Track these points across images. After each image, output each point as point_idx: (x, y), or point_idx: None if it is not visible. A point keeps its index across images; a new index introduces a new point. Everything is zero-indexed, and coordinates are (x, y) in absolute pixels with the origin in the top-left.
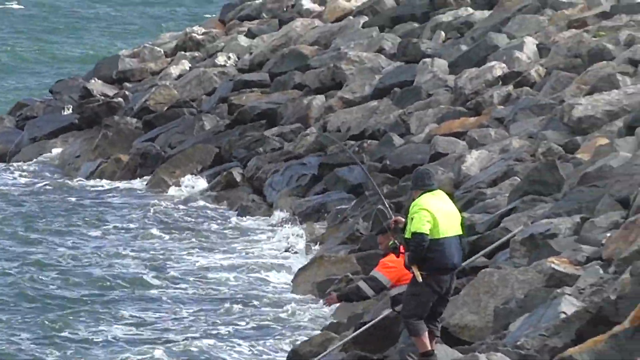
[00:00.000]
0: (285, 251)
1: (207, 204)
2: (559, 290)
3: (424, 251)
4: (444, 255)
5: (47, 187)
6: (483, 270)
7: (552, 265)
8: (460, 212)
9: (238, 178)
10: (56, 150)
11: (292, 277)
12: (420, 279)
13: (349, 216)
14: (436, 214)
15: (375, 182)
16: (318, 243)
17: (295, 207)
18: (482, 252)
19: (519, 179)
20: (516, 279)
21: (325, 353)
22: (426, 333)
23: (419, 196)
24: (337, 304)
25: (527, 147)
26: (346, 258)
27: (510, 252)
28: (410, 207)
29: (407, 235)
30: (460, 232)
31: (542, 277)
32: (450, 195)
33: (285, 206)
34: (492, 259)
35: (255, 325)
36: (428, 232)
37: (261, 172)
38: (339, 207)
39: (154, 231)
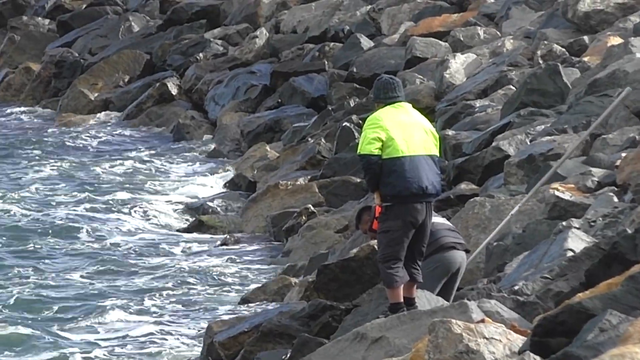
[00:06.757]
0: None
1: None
2: (564, 223)
3: (378, 174)
4: (404, 178)
5: None
6: (472, 199)
7: (556, 193)
8: (441, 128)
9: (174, 90)
10: None
11: (238, 211)
12: (379, 205)
13: (309, 135)
14: (393, 130)
15: (339, 93)
16: (271, 169)
17: (244, 125)
18: None
19: (514, 88)
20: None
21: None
22: (402, 285)
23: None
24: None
25: (524, 49)
26: (306, 186)
27: (505, 177)
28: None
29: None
30: (434, 153)
31: (544, 208)
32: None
33: (231, 124)
34: (483, 185)
35: (197, 269)
36: (375, 152)
37: (201, 83)
38: (296, 125)
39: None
